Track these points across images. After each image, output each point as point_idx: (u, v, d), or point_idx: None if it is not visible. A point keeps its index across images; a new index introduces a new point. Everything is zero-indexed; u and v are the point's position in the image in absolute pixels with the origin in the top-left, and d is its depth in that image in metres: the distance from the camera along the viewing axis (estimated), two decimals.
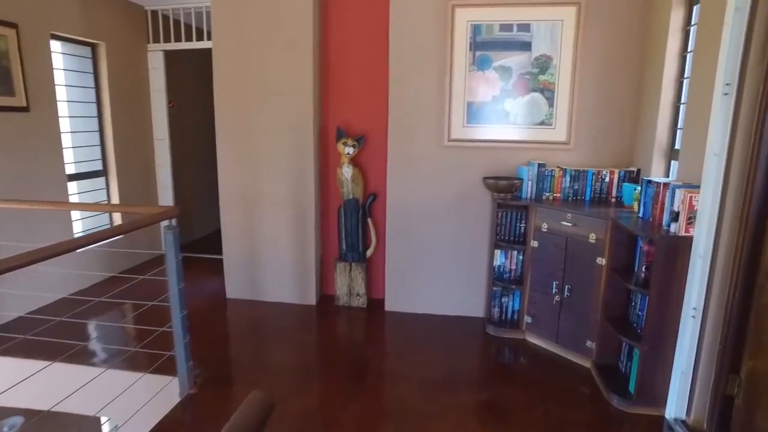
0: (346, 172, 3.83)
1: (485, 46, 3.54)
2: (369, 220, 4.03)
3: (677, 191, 2.40)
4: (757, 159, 2.10)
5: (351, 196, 3.91)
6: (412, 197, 3.80)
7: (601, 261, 2.89)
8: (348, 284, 4.06)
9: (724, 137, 2.16)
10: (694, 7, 2.88)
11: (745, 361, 2.25)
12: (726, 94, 2.14)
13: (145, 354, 3.11)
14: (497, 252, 3.56)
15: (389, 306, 4.03)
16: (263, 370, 3.09)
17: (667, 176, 3.12)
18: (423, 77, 3.63)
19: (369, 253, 4.07)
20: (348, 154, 3.78)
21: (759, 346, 2.19)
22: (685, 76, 2.96)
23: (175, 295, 2.80)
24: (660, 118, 3.06)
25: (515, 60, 3.51)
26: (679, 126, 3.01)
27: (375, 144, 3.95)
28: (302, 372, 3.08)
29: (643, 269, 2.57)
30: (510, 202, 3.39)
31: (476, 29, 3.51)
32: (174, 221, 2.74)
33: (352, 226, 3.98)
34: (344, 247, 4.03)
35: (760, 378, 2.20)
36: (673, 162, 3.07)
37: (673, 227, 2.44)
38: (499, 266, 3.58)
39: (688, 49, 2.92)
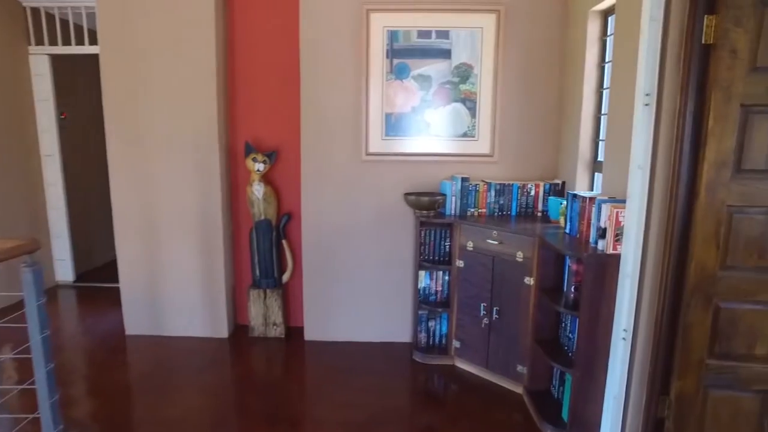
0: (257, 190, 3.46)
1: (403, 54, 3.32)
2: (284, 242, 3.67)
3: (603, 206, 2.27)
4: (678, 172, 1.99)
5: (263, 217, 3.54)
6: (329, 217, 3.49)
7: (530, 281, 2.72)
8: (263, 313, 3.66)
9: (647, 149, 2.04)
10: (610, 18, 2.82)
11: (674, 382, 2.13)
12: (647, 104, 2.02)
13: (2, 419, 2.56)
14: (422, 273, 3.32)
15: (309, 335, 3.68)
16: (162, 427, 2.63)
17: (592, 189, 3.03)
18: (337, 87, 3.35)
19: (285, 278, 3.71)
20: (258, 170, 3.41)
21: (686, 365, 2.07)
22: (605, 87, 2.88)
23: (37, 345, 2.30)
24: (582, 129, 2.97)
25: (435, 68, 3.32)
26: (601, 137, 2.93)
27: (288, 159, 3.61)
28: (208, 423, 2.65)
29: (573, 290, 2.41)
30: (433, 219, 3.17)
31: (393, 36, 3.29)
32: (33, 257, 2.25)
33: (265, 250, 3.60)
34: (257, 272, 3.64)
35: (688, 398, 2.08)
36: (597, 174, 2.98)
37: (600, 244, 2.30)
38: (425, 288, 3.35)
39: (606, 60, 2.85)
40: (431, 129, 3.36)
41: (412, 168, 3.41)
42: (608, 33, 2.83)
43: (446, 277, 3.29)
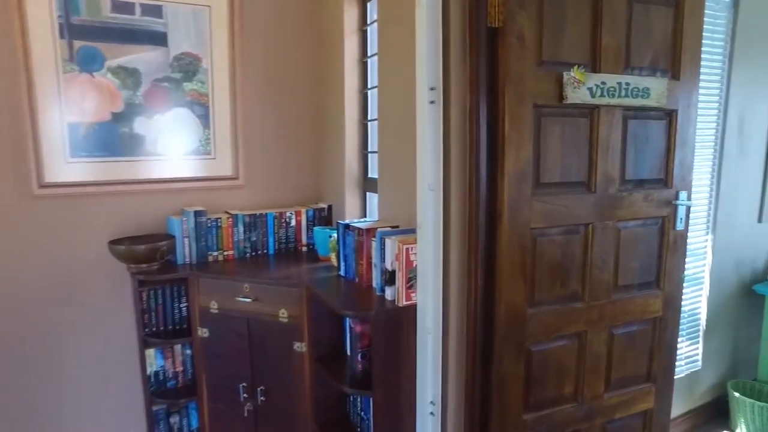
0: None
1: (91, 34, 2.22)
2: None
3: (388, 241, 1.68)
4: (476, 191, 1.53)
5: None
6: None
7: (301, 347, 1.99)
8: None
9: (437, 163, 1.53)
10: (368, 4, 2.33)
11: None
12: (432, 102, 1.51)
13: None
14: (150, 352, 2.26)
15: None
16: None
17: (365, 213, 2.49)
18: None
19: None
20: None
21: (503, 421, 1.64)
22: (370, 86, 2.38)
23: None
24: (347, 139, 2.40)
25: (145, 58, 2.32)
26: (371, 149, 2.41)
27: None
28: None
29: (360, 358, 1.77)
30: (157, 275, 2.16)
31: (70, 3, 2.17)
32: None
33: None
34: None
35: None
36: (370, 194, 2.45)
37: (389, 293, 1.71)
38: (158, 372, 2.29)
39: (369, 54, 2.35)
40: (146, 145, 2.34)
41: (121, 202, 2.31)
42: (368, 21, 2.33)
43: (188, 352, 2.31)
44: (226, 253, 2.38)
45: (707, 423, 2.55)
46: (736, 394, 2.43)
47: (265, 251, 2.48)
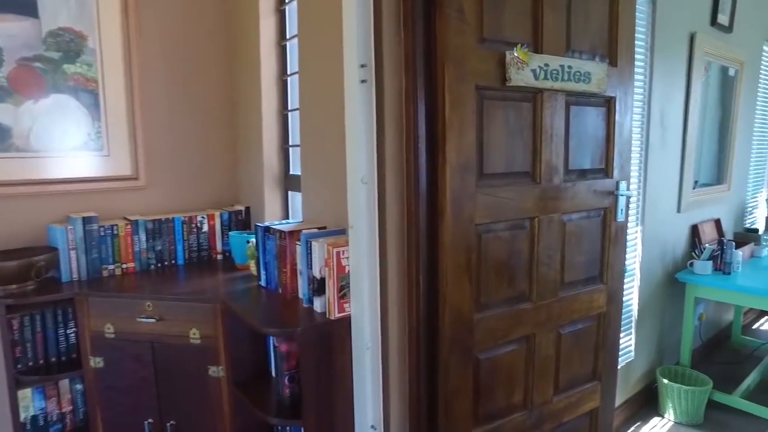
0: None
1: None
2: None
3: (315, 245, 1.46)
4: (416, 183, 1.35)
5: None
6: None
7: (218, 371, 1.71)
8: None
9: (371, 150, 1.33)
10: None
11: None
12: (364, 81, 1.30)
13: None
14: (26, 392, 1.86)
15: None
16: None
17: (288, 215, 2.24)
18: None
19: None
20: None
21: None
22: (290, 72, 2.13)
23: None
24: (265, 131, 2.14)
25: (5, 31, 1.90)
26: (293, 142, 2.17)
27: None
28: None
29: (287, 381, 1.52)
30: (34, 297, 1.77)
31: None
32: None
33: None
34: None
35: None
36: (293, 194, 2.20)
37: (318, 305, 1.48)
38: (38, 417, 1.89)
39: (288, 36, 2.10)
40: (14, 139, 1.93)
41: None
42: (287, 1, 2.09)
43: (78, 387, 1.93)
44: (124, 266, 2.03)
45: (640, 410, 2.57)
46: (665, 381, 2.46)
47: (173, 262, 2.15)
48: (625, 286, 2.38)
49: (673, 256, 2.72)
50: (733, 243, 2.58)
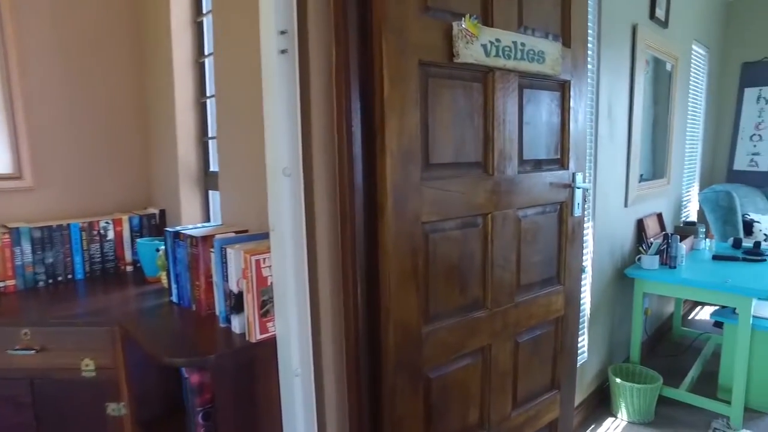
0: None
1: None
2: None
3: (230, 252, 1.20)
4: (350, 174, 1.13)
5: None
6: None
7: (118, 409, 1.40)
8: None
9: (295, 135, 1.10)
10: None
11: None
12: (284, 51, 1.06)
13: None
14: None
15: None
16: None
17: (209, 219, 1.95)
18: None
19: None
20: None
21: None
22: (208, 53, 1.85)
23: None
24: (180, 122, 1.84)
25: None
26: (212, 134, 1.88)
27: None
28: None
29: (200, 418, 1.25)
30: None
31: None
32: None
33: None
34: None
35: None
36: (215, 193, 1.92)
37: (236, 324, 1.22)
38: None
39: (205, 11, 1.82)
40: None
41: None
42: None
43: None
44: (3, 284, 1.67)
45: (594, 412, 2.49)
46: (618, 380, 2.39)
47: (69, 277, 1.81)
48: None
49: (621, 252, 2.66)
50: (678, 237, 2.55)
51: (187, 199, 1.89)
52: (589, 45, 2.20)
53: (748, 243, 3.07)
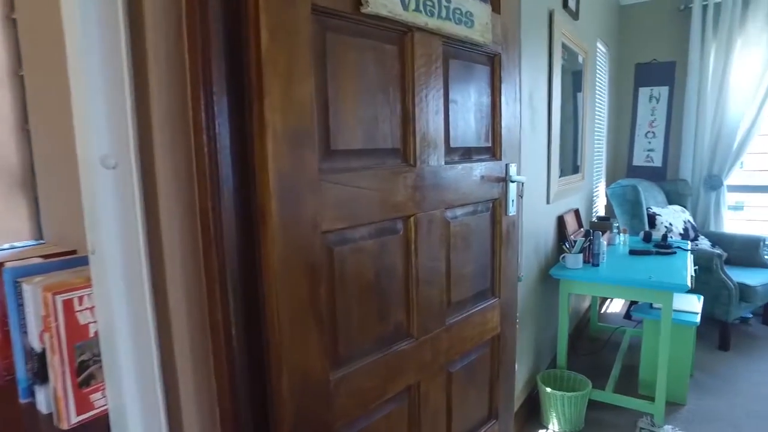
0: None
1: None
2: None
3: (27, 289, 0.78)
4: (213, 166, 0.76)
5: None
6: None
7: None
8: None
9: (122, 105, 0.71)
10: None
11: None
12: None
13: None
14: None
15: None
16: None
17: (41, 235, 1.45)
18: None
19: None
20: None
21: None
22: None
23: None
24: None
25: None
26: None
27: None
28: None
29: None
30: None
31: None
32: None
33: None
34: None
35: None
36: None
37: (42, 400, 0.80)
38: None
39: None
40: None
41: None
42: None
43: None
44: None
45: (525, 425, 2.31)
46: (548, 390, 2.22)
47: None
48: None
49: (545, 251, 2.52)
50: (600, 233, 2.46)
51: (5, 208, 1.39)
52: None
53: (656, 236, 3.10)
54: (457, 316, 1.20)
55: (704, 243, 3.54)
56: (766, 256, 3.53)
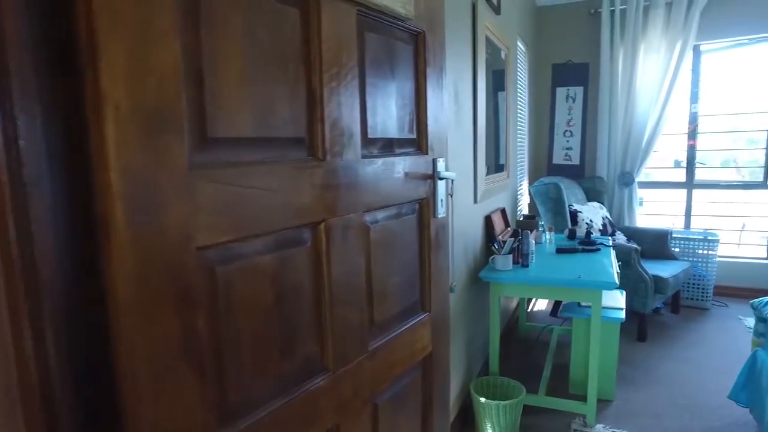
0: None
1: None
2: None
3: None
4: (8, 147, 0.52)
5: None
6: None
7: None
8: None
9: None
10: None
11: None
12: None
13: None
14: None
15: None
16: None
17: None
18: None
19: None
20: None
21: None
22: None
23: None
24: None
25: None
26: None
27: None
28: None
29: None
30: None
31: None
32: None
33: None
34: None
35: None
36: None
37: None
38: None
39: None
40: None
41: None
42: None
43: None
44: None
45: None
46: (482, 400, 2.11)
47: None
48: None
49: (474, 253, 2.42)
50: (529, 233, 2.40)
51: None
52: None
53: (579, 233, 3.12)
54: (381, 339, 1.01)
55: (621, 238, 3.65)
56: (673, 249, 3.71)
